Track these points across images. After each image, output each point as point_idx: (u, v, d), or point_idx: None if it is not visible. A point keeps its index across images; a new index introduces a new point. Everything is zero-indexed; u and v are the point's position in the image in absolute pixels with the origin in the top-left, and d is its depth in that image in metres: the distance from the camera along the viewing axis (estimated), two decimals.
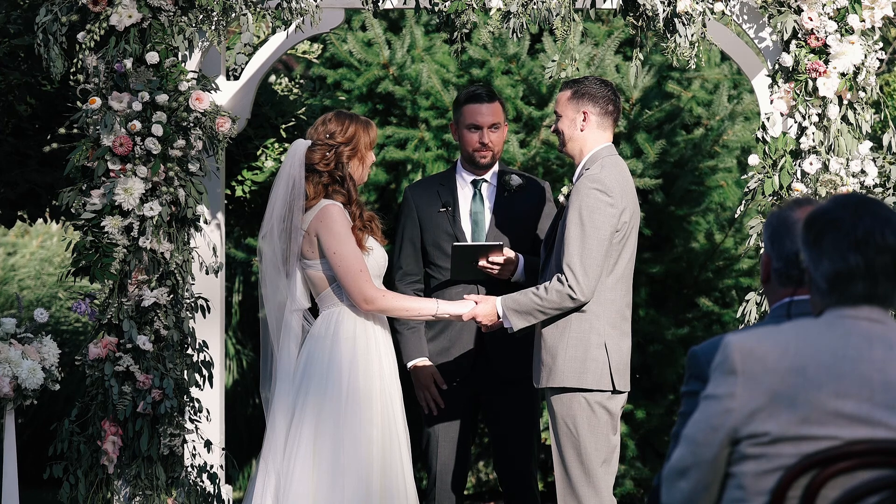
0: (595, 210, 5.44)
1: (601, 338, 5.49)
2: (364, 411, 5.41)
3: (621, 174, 5.60)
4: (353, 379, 5.44)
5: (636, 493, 8.52)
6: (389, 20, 9.13)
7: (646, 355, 8.56)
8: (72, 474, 5.89)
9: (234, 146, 7.84)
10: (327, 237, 5.48)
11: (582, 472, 5.50)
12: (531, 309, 5.49)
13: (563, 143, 5.68)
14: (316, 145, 5.60)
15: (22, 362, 5.73)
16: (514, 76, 8.67)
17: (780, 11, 6.00)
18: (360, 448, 5.36)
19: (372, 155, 5.68)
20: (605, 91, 5.65)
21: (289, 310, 5.56)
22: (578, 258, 5.42)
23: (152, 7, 5.91)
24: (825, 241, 2.92)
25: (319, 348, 5.49)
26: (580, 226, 5.44)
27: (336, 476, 5.33)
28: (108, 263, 5.90)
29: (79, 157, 5.94)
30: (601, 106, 5.62)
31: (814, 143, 5.95)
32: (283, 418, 5.45)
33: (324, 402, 5.40)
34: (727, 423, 2.87)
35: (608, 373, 5.51)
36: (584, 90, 5.63)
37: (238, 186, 8.13)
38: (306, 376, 5.46)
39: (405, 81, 8.69)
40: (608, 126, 5.65)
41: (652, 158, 8.47)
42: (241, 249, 9.64)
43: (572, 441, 5.49)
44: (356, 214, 5.55)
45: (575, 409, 5.49)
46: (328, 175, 5.57)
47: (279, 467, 5.39)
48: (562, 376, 5.49)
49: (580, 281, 5.41)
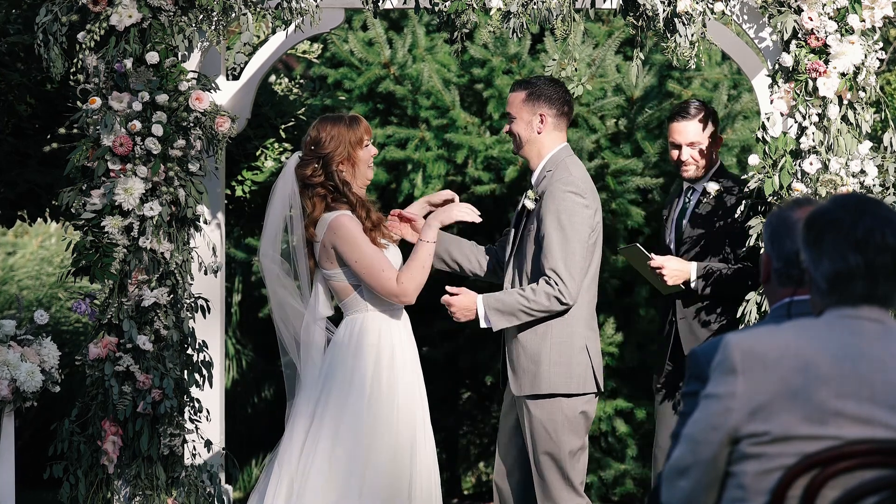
0: (573, 213, 5.47)
1: (582, 340, 5.51)
2: (385, 419, 5.38)
3: (585, 173, 5.65)
4: (375, 386, 5.41)
5: (636, 493, 8.52)
6: (391, 20, 9.13)
7: (646, 355, 8.55)
8: (72, 474, 5.89)
9: (234, 146, 7.84)
10: (344, 248, 5.43)
11: (560, 477, 5.51)
12: (515, 309, 5.47)
13: (518, 145, 5.68)
14: (304, 160, 5.54)
15: (20, 365, 5.72)
16: (515, 76, 8.66)
17: (780, 11, 5.99)
18: (379, 457, 5.34)
19: (367, 151, 5.56)
20: (560, 92, 5.65)
21: (310, 320, 5.53)
22: (563, 262, 5.42)
23: (152, 7, 5.91)
24: (825, 241, 2.92)
25: (342, 355, 5.46)
26: (560, 230, 5.44)
27: (352, 486, 5.30)
28: (108, 263, 5.89)
29: (79, 156, 5.94)
30: (557, 107, 5.62)
31: (814, 143, 5.94)
32: (303, 424, 5.42)
33: (344, 410, 5.37)
34: (727, 423, 2.87)
35: (592, 375, 5.52)
36: (540, 92, 5.62)
37: (238, 186, 8.13)
38: (328, 383, 5.43)
39: (406, 81, 8.69)
40: (563, 127, 5.66)
41: (652, 157, 8.47)
42: (240, 249, 9.64)
43: (552, 446, 5.49)
44: (363, 217, 5.50)
45: (557, 415, 5.49)
46: (322, 187, 5.50)
47: (293, 472, 5.36)
48: (548, 383, 5.48)
49: (568, 285, 5.42)
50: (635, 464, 8.48)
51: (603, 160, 8.48)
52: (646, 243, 6.95)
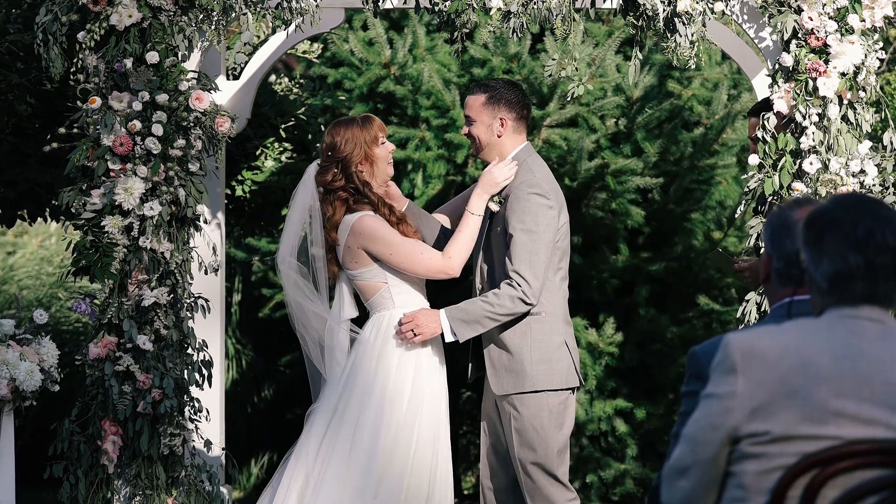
0: (538, 214, 5.50)
1: (561, 336, 5.56)
2: (407, 419, 5.40)
3: (549, 172, 5.66)
4: (398, 385, 5.44)
5: (636, 493, 8.52)
6: (391, 20, 9.13)
7: (646, 354, 8.56)
8: (72, 474, 5.89)
9: (234, 146, 7.84)
10: (376, 246, 5.48)
11: (549, 475, 5.54)
12: (480, 317, 5.50)
13: (478, 148, 5.70)
14: (323, 166, 5.58)
15: (20, 364, 5.72)
16: (514, 76, 8.66)
17: (780, 11, 5.99)
18: (398, 458, 5.35)
19: (384, 148, 5.59)
20: (519, 94, 5.67)
21: (334, 323, 5.56)
22: (526, 264, 5.46)
23: (152, 7, 5.91)
24: (825, 241, 2.92)
25: (368, 353, 5.49)
26: (526, 232, 5.48)
27: (368, 486, 5.31)
28: (109, 263, 5.90)
29: (79, 156, 5.94)
30: (517, 111, 5.64)
31: (814, 143, 5.94)
32: (323, 419, 5.44)
33: (366, 407, 5.40)
34: (727, 422, 2.87)
35: (574, 369, 5.56)
36: (500, 96, 5.63)
37: (238, 186, 8.13)
38: (351, 380, 5.47)
39: (406, 81, 8.69)
40: (523, 129, 5.68)
41: (652, 157, 8.47)
42: (240, 249, 9.64)
43: (539, 442, 5.51)
44: (386, 214, 5.54)
45: (543, 412, 5.52)
46: (343, 190, 5.54)
47: (309, 468, 5.38)
48: (532, 380, 5.51)
49: (532, 285, 5.46)
50: (635, 463, 8.48)
51: (603, 160, 8.48)
52: (649, 242, 6.96)
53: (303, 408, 9.70)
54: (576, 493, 5.66)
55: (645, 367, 8.59)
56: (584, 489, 8.57)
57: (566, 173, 8.44)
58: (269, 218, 8.47)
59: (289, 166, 8.13)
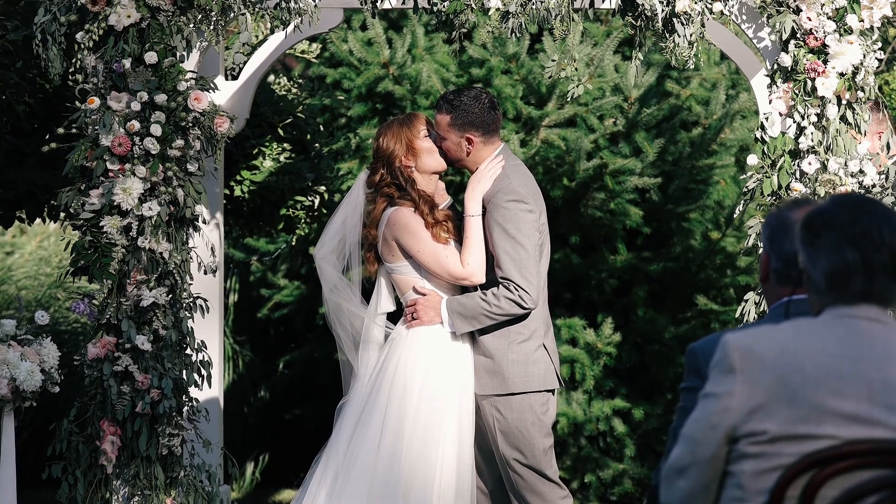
0: (519, 220, 5.51)
1: (540, 339, 5.58)
2: (436, 414, 5.44)
3: (525, 175, 5.67)
4: (428, 381, 5.48)
5: (635, 493, 8.52)
6: (390, 20, 9.14)
7: (644, 354, 8.56)
8: (70, 474, 5.89)
9: (233, 146, 7.83)
10: (406, 239, 5.56)
11: (538, 475, 5.55)
12: (477, 313, 5.52)
13: (451, 162, 5.73)
14: (372, 168, 5.69)
15: (20, 364, 5.72)
16: (513, 76, 8.67)
17: (778, 11, 5.99)
18: (426, 452, 5.38)
19: (425, 142, 5.64)
20: (484, 108, 5.61)
21: (370, 320, 5.63)
22: (517, 270, 5.48)
23: (151, 7, 5.91)
24: (822, 239, 2.92)
25: (399, 349, 5.55)
26: (509, 240, 5.49)
27: (392, 482, 5.34)
28: (107, 263, 5.90)
29: (77, 156, 5.94)
30: (483, 127, 5.62)
31: (812, 143, 5.95)
32: (352, 416, 5.50)
33: (398, 403, 5.44)
34: (726, 422, 2.88)
35: (553, 370, 5.58)
36: (464, 116, 5.60)
37: (237, 186, 8.12)
38: (381, 377, 5.52)
39: (405, 81, 8.69)
40: (495, 137, 5.67)
41: (651, 157, 8.47)
42: (239, 249, 9.64)
43: (525, 444, 5.53)
44: (425, 213, 5.59)
45: (526, 414, 5.54)
46: (388, 186, 5.63)
47: (339, 465, 5.42)
48: (512, 382, 5.53)
49: (528, 290, 5.47)
50: (633, 464, 8.48)
51: (601, 160, 8.48)
52: (647, 242, 6.96)
53: (301, 408, 9.74)
54: (568, 491, 5.68)
55: (643, 367, 8.59)
56: (583, 489, 8.58)
57: (564, 173, 8.45)
58: (267, 218, 8.46)
59: (287, 166, 8.12)
